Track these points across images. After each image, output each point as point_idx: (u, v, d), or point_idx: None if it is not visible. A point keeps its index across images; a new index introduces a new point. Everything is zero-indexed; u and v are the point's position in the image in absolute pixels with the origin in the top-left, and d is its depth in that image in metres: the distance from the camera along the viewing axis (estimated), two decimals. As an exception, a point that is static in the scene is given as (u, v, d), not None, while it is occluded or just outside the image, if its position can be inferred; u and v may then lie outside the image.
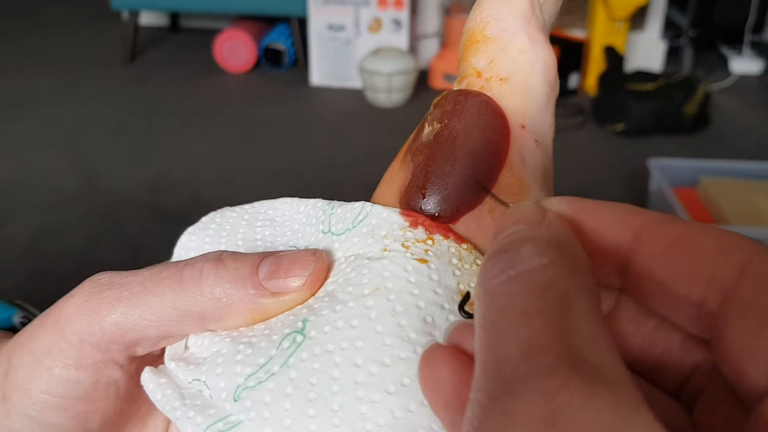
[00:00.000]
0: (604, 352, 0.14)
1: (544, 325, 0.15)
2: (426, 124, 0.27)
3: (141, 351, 0.25)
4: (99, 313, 0.24)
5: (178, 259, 0.26)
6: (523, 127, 0.26)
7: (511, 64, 0.27)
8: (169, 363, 0.25)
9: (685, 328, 0.18)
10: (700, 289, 0.17)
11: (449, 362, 0.18)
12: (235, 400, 0.22)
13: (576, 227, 0.19)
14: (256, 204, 0.29)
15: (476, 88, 0.27)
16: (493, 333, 0.15)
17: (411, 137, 0.27)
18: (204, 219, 0.30)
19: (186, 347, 0.26)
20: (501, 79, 0.26)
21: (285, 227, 0.28)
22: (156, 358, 0.27)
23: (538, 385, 0.13)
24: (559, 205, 0.19)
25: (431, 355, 0.18)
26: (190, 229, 0.29)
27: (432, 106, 0.27)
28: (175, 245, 0.29)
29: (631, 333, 0.20)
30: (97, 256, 1.71)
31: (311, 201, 0.28)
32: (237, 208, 0.30)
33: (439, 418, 0.19)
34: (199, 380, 0.23)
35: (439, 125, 0.26)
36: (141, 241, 1.77)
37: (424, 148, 0.26)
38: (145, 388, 0.25)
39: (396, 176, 0.27)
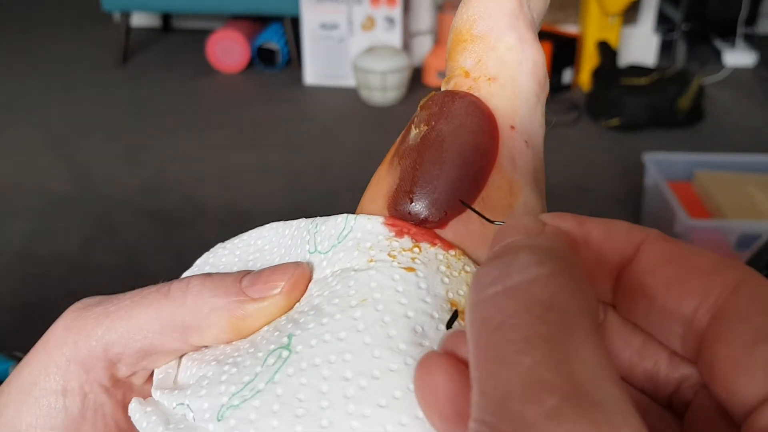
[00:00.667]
0: (607, 381, 0.14)
1: (546, 355, 0.14)
2: (413, 127, 0.26)
3: (123, 370, 0.25)
4: (85, 329, 0.24)
5: None
6: (512, 127, 0.26)
7: (499, 63, 0.26)
8: (155, 392, 0.25)
9: (670, 345, 0.19)
10: (692, 305, 0.17)
11: (445, 371, 0.18)
12: (219, 420, 0.21)
13: (574, 242, 0.19)
14: (245, 236, 0.29)
15: (464, 88, 0.26)
16: (490, 356, 0.15)
17: (398, 140, 0.27)
18: (198, 262, 0.30)
19: (175, 381, 0.25)
20: (489, 79, 0.26)
21: (273, 254, 0.28)
22: (144, 390, 0.26)
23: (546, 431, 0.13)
24: (557, 220, 0.19)
25: (427, 364, 0.18)
26: (186, 274, 0.29)
27: (419, 108, 0.27)
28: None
29: (621, 347, 0.20)
30: (91, 260, 1.70)
31: (294, 223, 0.28)
32: (228, 244, 0.29)
33: (434, 427, 0.18)
34: (182, 404, 0.23)
35: (426, 127, 0.25)
36: (136, 244, 1.76)
37: (411, 152, 0.25)
38: (131, 417, 0.24)
39: (383, 180, 0.26)
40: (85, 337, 0.24)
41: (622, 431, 0.13)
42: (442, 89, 0.27)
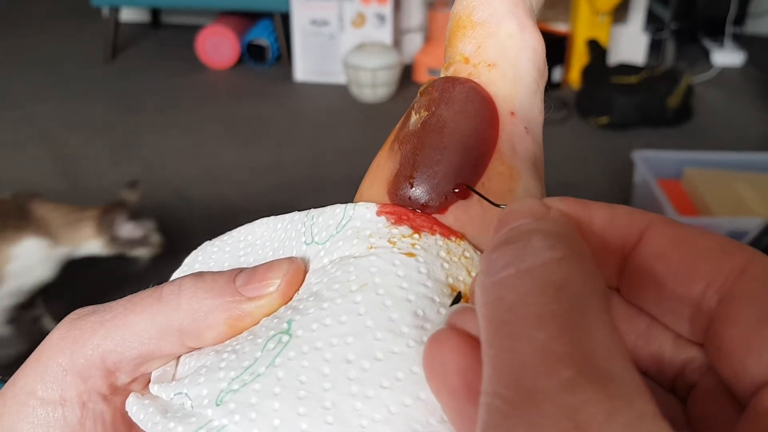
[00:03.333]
0: (619, 358, 0.14)
1: (561, 331, 0.14)
2: (413, 112, 0.26)
3: (122, 378, 0.25)
4: (81, 338, 0.24)
5: None
6: (512, 113, 0.25)
7: (499, 50, 0.26)
8: (152, 387, 0.24)
9: (676, 329, 0.19)
10: (699, 287, 0.17)
11: (455, 346, 0.18)
12: (218, 405, 0.21)
13: (578, 226, 0.19)
14: (234, 232, 0.29)
15: (464, 74, 0.26)
16: (505, 333, 0.15)
17: (398, 126, 0.27)
18: (187, 260, 0.29)
19: (174, 377, 0.25)
20: (489, 65, 0.26)
21: (266, 248, 0.27)
22: (142, 391, 0.26)
23: (562, 402, 0.14)
24: (561, 203, 0.19)
25: (437, 339, 0.18)
26: (177, 272, 0.28)
27: (418, 94, 0.27)
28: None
29: (625, 330, 0.20)
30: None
31: (287, 216, 0.27)
32: (216, 241, 0.29)
33: (443, 405, 0.18)
34: (180, 393, 0.23)
35: (426, 113, 0.25)
36: (125, 240, 1.75)
37: (411, 137, 0.25)
38: (129, 411, 0.24)
39: (383, 166, 0.26)
40: (81, 347, 0.24)
41: (634, 402, 0.13)
42: (442, 75, 0.27)
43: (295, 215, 0.27)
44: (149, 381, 0.25)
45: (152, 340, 0.24)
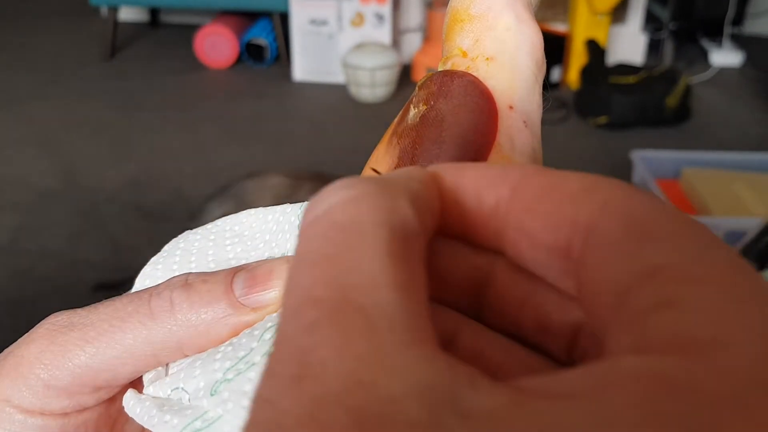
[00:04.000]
0: (387, 289, 0.13)
1: (322, 273, 0.13)
2: (411, 106, 0.26)
3: (113, 391, 0.24)
4: (65, 356, 0.23)
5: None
6: (510, 107, 0.25)
7: (497, 43, 0.26)
8: (147, 389, 0.24)
9: (561, 285, 0.17)
10: (564, 234, 0.15)
11: None
12: (212, 395, 0.21)
13: (452, 191, 0.17)
14: (219, 222, 0.28)
15: (462, 68, 0.26)
16: (286, 289, 0.14)
17: (396, 120, 0.27)
18: (166, 247, 0.28)
19: (167, 374, 0.24)
20: (487, 59, 0.26)
21: (256, 240, 0.27)
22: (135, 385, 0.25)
23: (297, 344, 0.13)
24: (437, 167, 0.18)
25: None
26: (154, 259, 0.27)
27: (417, 88, 0.27)
28: (137, 277, 0.27)
29: (509, 296, 0.19)
30: (78, 255, 1.69)
31: (278, 208, 0.27)
32: (200, 230, 0.28)
33: None
34: (177, 388, 0.22)
35: (425, 107, 0.25)
36: (123, 239, 1.75)
37: (410, 131, 0.25)
38: (125, 406, 0.23)
39: (381, 160, 0.26)
40: (66, 363, 0.23)
41: (383, 334, 0.12)
42: (439, 69, 0.27)
43: (287, 207, 0.26)
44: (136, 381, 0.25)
45: (147, 357, 0.23)
